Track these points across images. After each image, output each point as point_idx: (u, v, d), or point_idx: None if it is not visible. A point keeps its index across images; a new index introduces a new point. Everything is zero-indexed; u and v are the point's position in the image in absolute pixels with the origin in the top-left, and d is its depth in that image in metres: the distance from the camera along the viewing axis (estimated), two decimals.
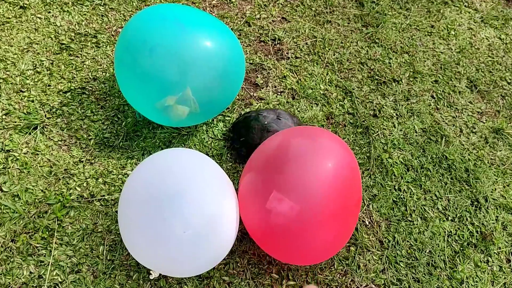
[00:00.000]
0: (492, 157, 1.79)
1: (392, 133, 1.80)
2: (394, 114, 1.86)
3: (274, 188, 1.24)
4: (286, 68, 1.94)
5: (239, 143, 1.61)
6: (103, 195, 1.50)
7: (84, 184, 1.51)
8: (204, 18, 1.55)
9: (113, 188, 1.51)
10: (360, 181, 1.33)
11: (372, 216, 1.58)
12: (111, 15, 1.98)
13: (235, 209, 1.29)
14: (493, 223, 1.61)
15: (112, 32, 1.92)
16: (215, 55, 1.51)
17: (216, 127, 1.71)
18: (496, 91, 2.01)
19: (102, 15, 1.97)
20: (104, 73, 1.79)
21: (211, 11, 2.09)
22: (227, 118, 1.74)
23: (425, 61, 2.07)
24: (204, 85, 1.50)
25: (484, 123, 1.90)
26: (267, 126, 1.56)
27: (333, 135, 1.37)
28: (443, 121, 1.87)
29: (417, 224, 1.58)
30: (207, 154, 1.64)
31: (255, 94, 1.84)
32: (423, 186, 1.67)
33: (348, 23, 2.15)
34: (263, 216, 1.28)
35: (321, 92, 1.88)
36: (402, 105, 1.89)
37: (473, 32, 2.23)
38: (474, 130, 1.86)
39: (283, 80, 1.90)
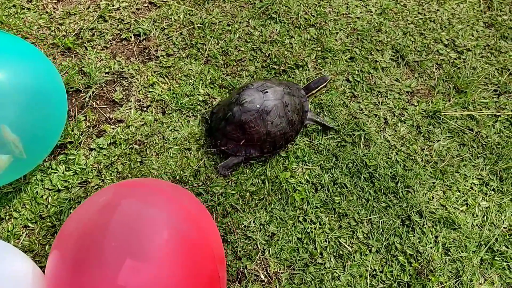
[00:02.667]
0: (428, 152, 1.38)
1: (295, 141, 1.37)
2: None
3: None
4: (154, 72, 1.48)
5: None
6: None
7: None
8: None
9: None
10: (211, 250, 0.91)
11: (269, 266, 1.17)
12: None
13: None
14: (431, 247, 1.22)
15: None
16: (9, 85, 1.06)
17: (55, 173, 1.27)
18: (430, 59, 1.57)
19: None
20: None
21: (54, 8, 1.60)
22: (71, 158, 1.30)
23: (337, 33, 1.61)
24: (12, 124, 1.07)
25: (415, 106, 1.47)
26: (263, 110, 1.22)
27: (180, 191, 0.95)
28: (362, 112, 1.44)
29: (330, 266, 1.18)
30: (41, 216, 1.21)
31: (111, 116, 1.39)
32: (337, 209, 1.26)
33: None
34: None
35: (201, 99, 1.43)
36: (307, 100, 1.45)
37: None
38: (402, 118, 1.44)
39: (150, 90, 1.44)
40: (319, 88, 1.36)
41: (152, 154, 1.32)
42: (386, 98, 1.47)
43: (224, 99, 1.40)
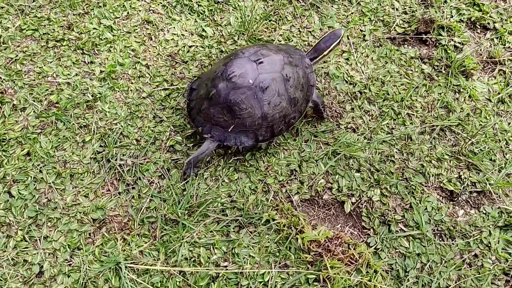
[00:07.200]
0: None
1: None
2: None
3: None
4: None
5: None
6: None
7: None
8: None
9: None
10: None
11: None
12: None
13: None
14: None
15: None
16: None
17: None
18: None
19: None
20: None
21: None
22: None
23: (24, 109, 1.06)
24: None
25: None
26: (257, 86, 0.97)
27: None
28: None
29: None
30: None
31: None
32: None
33: None
34: None
35: None
36: None
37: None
38: None
39: None
40: (332, 47, 1.06)
41: None
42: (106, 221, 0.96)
43: (206, 71, 1.08)
